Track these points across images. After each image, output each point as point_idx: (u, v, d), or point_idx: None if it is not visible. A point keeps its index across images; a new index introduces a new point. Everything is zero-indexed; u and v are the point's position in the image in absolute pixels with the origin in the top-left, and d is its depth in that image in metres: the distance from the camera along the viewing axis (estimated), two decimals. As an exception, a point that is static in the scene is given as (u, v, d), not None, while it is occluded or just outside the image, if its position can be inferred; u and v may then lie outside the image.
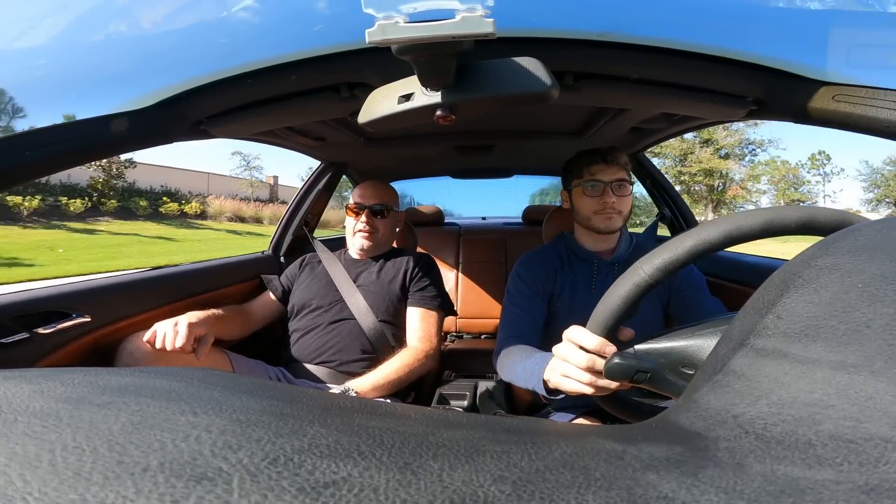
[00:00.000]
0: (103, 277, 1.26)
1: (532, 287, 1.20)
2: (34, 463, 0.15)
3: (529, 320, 1.16)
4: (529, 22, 0.75)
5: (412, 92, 0.65)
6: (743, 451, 0.20)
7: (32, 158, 0.73)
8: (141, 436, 0.17)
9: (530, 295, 1.20)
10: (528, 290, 1.20)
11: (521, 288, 1.21)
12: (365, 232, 1.50)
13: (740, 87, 0.84)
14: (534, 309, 1.18)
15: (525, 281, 1.21)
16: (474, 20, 0.48)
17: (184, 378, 0.26)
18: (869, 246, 0.27)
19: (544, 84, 0.61)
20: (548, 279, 1.22)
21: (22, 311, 0.98)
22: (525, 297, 1.19)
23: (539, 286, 1.21)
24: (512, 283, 1.24)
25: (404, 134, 1.73)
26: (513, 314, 1.18)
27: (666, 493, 0.16)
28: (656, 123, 1.48)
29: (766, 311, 0.27)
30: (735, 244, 0.49)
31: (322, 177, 2.02)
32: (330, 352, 1.37)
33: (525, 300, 1.19)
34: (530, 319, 1.17)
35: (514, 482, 0.16)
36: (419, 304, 1.44)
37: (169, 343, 1.06)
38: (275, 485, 0.15)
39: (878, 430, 0.18)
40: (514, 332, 1.14)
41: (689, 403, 0.26)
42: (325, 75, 0.87)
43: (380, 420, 0.23)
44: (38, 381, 0.23)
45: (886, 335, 0.21)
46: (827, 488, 0.16)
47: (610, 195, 1.17)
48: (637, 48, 0.78)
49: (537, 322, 1.17)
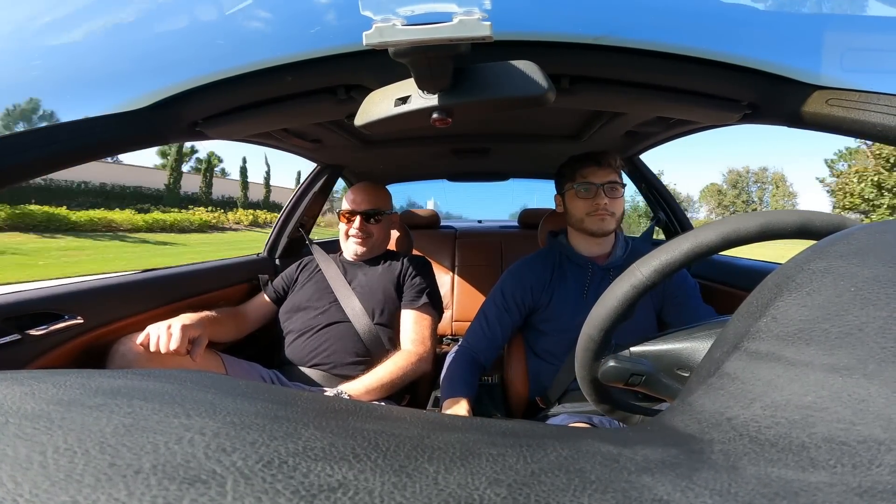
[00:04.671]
0: (96, 279, 1.25)
1: (510, 301, 1.26)
2: (25, 465, 0.15)
3: (490, 335, 1.25)
4: (526, 25, 0.76)
5: (409, 94, 0.65)
6: (737, 453, 0.20)
7: (27, 159, 0.73)
8: (133, 438, 0.17)
9: (504, 309, 1.27)
10: (503, 304, 1.27)
11: (496, 300, 1.28)
12: (358, 238, 1.48)
13: (735, 91, 0.85)
14: (498, 326, 1.26)
15: (505, 294, 1.27)
16: (471, 23, 0.48)
17: (177, 380, 0.26)
18: (862, 249, 0.27)
19: (541, 87, 0.61)
20: (533, 291, 1.26)
21: (14, 313, 0.97)
22: (498, 311, 1.27)
23: (518, 301, 1.26)
24: (494, 291, 1.30)
25: (401, 137, 1.74)
26: (478, 324, 1.28)
27: (661, 495, 0.16)
28: (652, 127, 1.49)
29: (759, 314, 0.27)
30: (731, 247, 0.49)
31: (318, 179, 2.01)
32: (324, 354, 1.36)
33: (496, 314, 1.27)
34: (490, 335, 1.25)
35: (510, 485, 0.16)
36: (413, 307, 1.43)
37: (163, 345, 1.05)
38: (269, 488, 0.15)
39: (872, 433, 0.18)
40: (471, 344, 1.25)
41: (684, 406, 0.26)
42: (322, 77, 0.87)
43: (375, 423, 0.22)
44: (30, 383, 0.23)
45: (879, 338, 0.21)
46: (821, 490, 0.16)
47: (602, 197, 1.18)
48: (633, 52, 0.79)
49: (496, 339, 1.26)
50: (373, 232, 1.50)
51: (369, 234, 1.50)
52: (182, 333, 1.07)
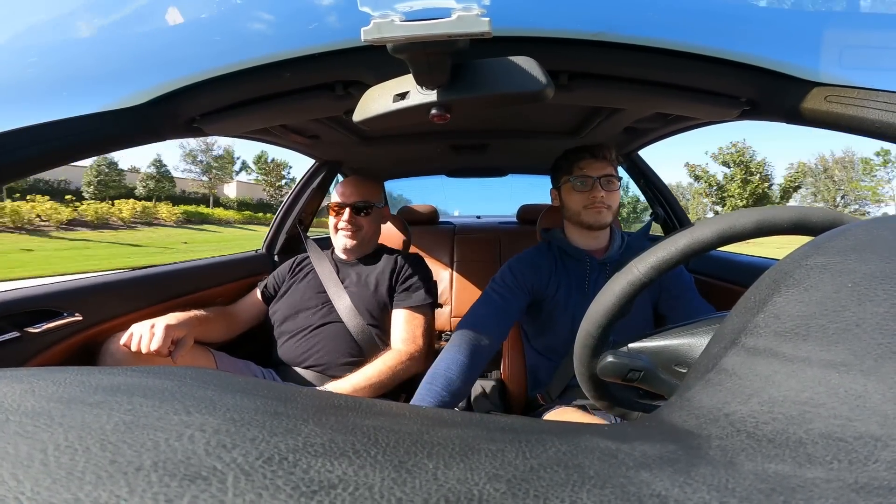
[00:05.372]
0: (94, 276, 1.25)
1: (517, 281, 1.21)
2: (26, 462, 0.15)
3: (494, 319, 1.14)
4: (525, 21, 0.75)
5: (407, 90, 0.65)
6: (735, 449, 0.20)
7: (24, 156, 0.73)
8: (134, 435, 0.17)
9: (511, 289, 1.19)
10: (512, 283, 1.20)
11: (506, 278, 1.21)
12: (348, 231, 1.45)
13: (733, 87, 0.85)
14: (506, 307, 1.17)
15: (514, 273, 1.22)
16: (470, 19, 0.48)
17: (176, 377, 0.26)
18: (859, 245, 0.27)
19: (539, 83, 0.61)
20: (538, 278, 1.23)
21: (12, 310, 0.97)
22: (505, 290, 1.19)
23: (526, 282, 1.21)
24: (499, 274, 1.24)
25: (399, 133, 1.73)
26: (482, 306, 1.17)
27: (659, 490, 0.16)
28: (650, 123, 1.49)
29: (757, 310, 0.27)
30: (728, 243, 0.49)
31: (316, 175, 2.01)
32: (317, 355, 1.34)
33: (502, 295, 1.18)
34: (494, 319, 1.14)
35: (509, 480, 0.16)
36: (405, 306, 1.41)
37: (144, 346, 1.04)
38: (269, 484, 0.15)
39: (868, 429, 0.18)
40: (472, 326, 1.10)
41: (682, 402, 0.26)
42: (320, 73, 0.87)
43: (374, 419, 0.22)
44: (29, 381, 0.23)
45: (876, 334, 0.21)
46: (817, 486, 0.16)
47: (599, 190, 1.18)
48: (631, 48, 0.79)
49: (501, 323, 1.15)
50: (362, 225, 1.47)
51: (359, 228, 1.46)
52: (165, 333, 1.05)
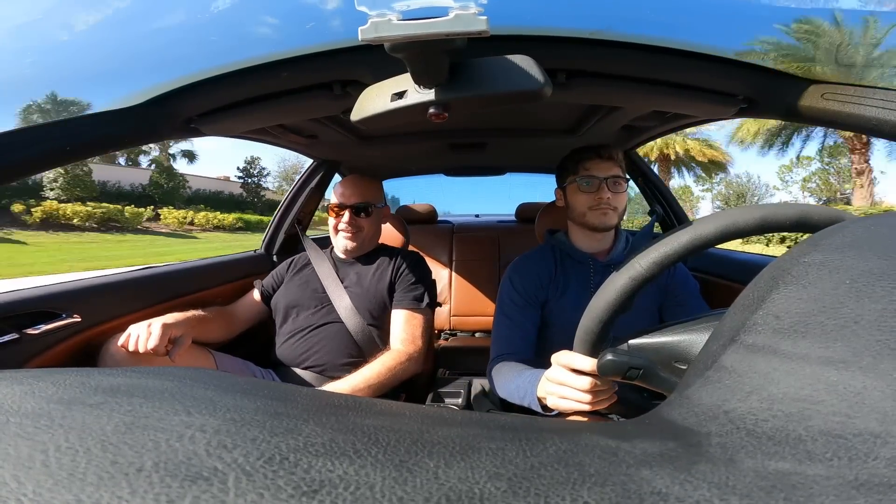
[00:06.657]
0: (93, 277, 1.25)
1: (524, 297, 1.20)
2: (27, 464, 0.15)
3: (521, 334, 1.17)
4: (523, 20, 0.75)
5: (405, 89, 0.65)
6: (734, 446, 0.20)
7: (20, 157, 0.72)
8: (134, 436, 0.17)
9: (523, 305, 1.19)
10: (520, 300, 1.19)
11: (513, 297, 1.20)
12: (348, 232, 1.43)
13: (731, 85, 0.85)
14: (525, 321, 1.18)
15: (518, 290, 1.21)
16: (468, 18, 0.48)
17: (177, 377, 0.26)
18: (857, 242, 0.27)
19: (537, 82, 0.61)
20: (541, 286, 1.21)
21: (11, 312, 0.97)
22: (518, 308, 1.19)
23: (532, 294, 1.20)
24: (504, 292, 1.23)
25: (397, 132, 1.73)
26: (505, 328, 1.18)
27: (659, 488, 0.16)
28: (648, 121, 1.49)
29: (755, 307, 0.27)
30: (730, 240, 0.50)
31: (314, 175, 2.01)
32: (316, 355, 1.33)
33: (517, 311, 1.19)
34: (522, 333, 1.17)
35: (510, 479, 0.17)
36: (404, 306, 1.39)
37: (141, 345, 1.03)
38: (270, 484, 0.15)
39: (868, 426, 0.18)
40: (507, 350, 1.15)
41: (682, 399, 0.26)
42: (318, 73, 0.87)
43: (375, 418, 0.23)
44: (29, 382, 0.23)
45: (875, 331, 0.21)
46: (817, 483, 0.16)
47: (605, 191, 1.16)
48: (629, 46, 0.78)
49: (529, 335, 1.17)
50: (363, 226, 1.45)
51: (359, 229, 1.44)
52: (162, 332, 1.05)
